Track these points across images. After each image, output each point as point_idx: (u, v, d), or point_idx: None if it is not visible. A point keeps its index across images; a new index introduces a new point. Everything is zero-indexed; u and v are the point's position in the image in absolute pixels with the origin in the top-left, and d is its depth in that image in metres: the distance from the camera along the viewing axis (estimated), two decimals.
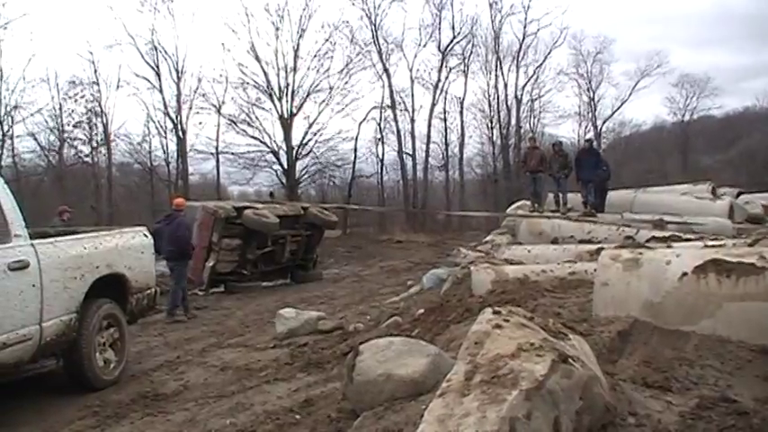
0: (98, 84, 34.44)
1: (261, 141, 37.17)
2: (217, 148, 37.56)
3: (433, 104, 41.31)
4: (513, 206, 19.25)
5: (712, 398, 3.45)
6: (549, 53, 42.47)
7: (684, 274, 4.52)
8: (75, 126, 34.08)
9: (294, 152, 36.96)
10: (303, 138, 37.33)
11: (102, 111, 34.60)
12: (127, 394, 7.02)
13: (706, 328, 4.35)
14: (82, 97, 33.85)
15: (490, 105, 42.78)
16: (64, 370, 7.24)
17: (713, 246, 5.98)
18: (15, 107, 30.79)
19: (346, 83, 37.93)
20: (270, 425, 5.36)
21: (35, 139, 33.13)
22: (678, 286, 4.54)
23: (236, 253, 16.91)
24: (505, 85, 42.53)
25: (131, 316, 8.20)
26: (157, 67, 35.35)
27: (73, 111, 33.79)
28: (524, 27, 41.57)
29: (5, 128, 30.87)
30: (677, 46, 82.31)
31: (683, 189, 18.40)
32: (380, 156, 41.54)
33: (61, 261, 6.75)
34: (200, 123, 39.43)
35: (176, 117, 36.04)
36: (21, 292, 6.13)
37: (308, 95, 37.21)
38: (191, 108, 36.39)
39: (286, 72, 36.63)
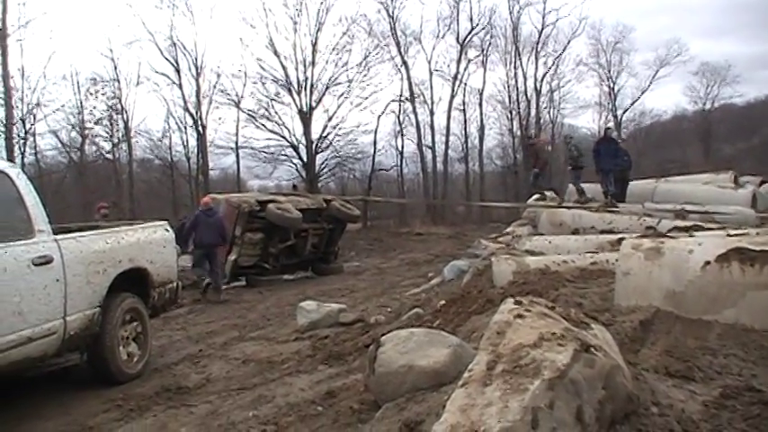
0: (118, 81, 34.75)
1: (280, 135, 37.28)
2: (236, 143, 37.78)
3: (453, 96, 41.35)
4: (534, 197, 19.18)
5: (736, 387, 3.43)
6: (568, 43, 42.46)
7: (707, 262, 4.50)
8: (96, 123, 34.30)
9: (314, 146, 36.99)
10: (322, 131, 37.41)
11: (122, 107, 34.87)
12: (150, 387, 7.05)
13: (729, 317, 4.33)
14: (102, 94, 34.09)
15: (510, 96, 42.78)
16: (87, 364, 7.29)
17: (736, 234, 5.92)
18: (37, 105, 30.98)
19: (365, 76, 37.95)
20: (292, 417, 5.37)
21: (57, 137, 33.41)
22: (701, 275, 4.52)
23: (258, 247, 16.90)
24: (525, 76, 42.51)
25: (154, 310, 8.23)
26: (177, 63, 35.55)
27: (94, 108, 34.03)
28: (543, 17, 41.58)
29: (27, 125, 31.05)
30: (692, 35, 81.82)
31: (705, 178, 18.27)
32: (400, 148, 41.62)
33: (84, 256, 6.79)
34: (220, 118, 39.87)
35: (196, 113, 36.23)
36: (45, 287, 6.18)
37: (326, 89, 37.26)
38: (210, 103, 36.59)
39: (305, 66, 36.70)
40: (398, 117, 40.60)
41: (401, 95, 40.14)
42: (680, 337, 4.30)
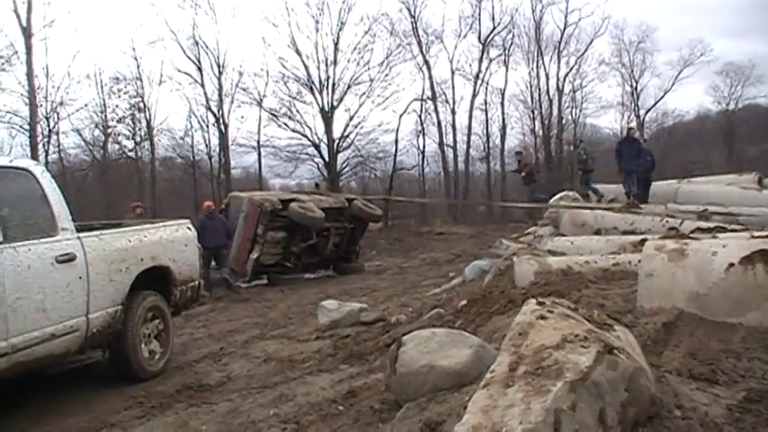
0: (141, 79, 34.82)
1: (302, 134, 37.26)
2: (258, 142, 37.78)
3: (474, 96, 41.17)
4: (556, 197, 19.11)
5: (761, 391, 3.41)
6: (590, 43, 42.14)
7: (731, 264, 4.46)
8: (118, 121, 34.45)
9: (335, 145, 36.98)
10: (344, 130, 37.37)
11: (145, 106, 34.96)
12: (171, 385, 7.09)
13: (753, 319, 4.30)
14: (125, 93, 34.21)
15: (532, 96, 42.55)
16: (110, 361, 7.35)
17: (760, 236, 5.87)
18: (61, 103, 31.20)
19: (386, 75, 37.84)
20: (313, 415, 5.38)
21: (80, 135, 33.58)
22: (725, 277, 4.48)
23: (280, 245, 16.89)
24: (547, 76, 42.25)
25: (175, 308, 8.28)
26: (199, 62, 35.57)
27: (117, 106, 34.19)
28: (566, 16, 41.28)
29: (51, 124, 31.28)
30: (715, 35, 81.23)
31: (729, 179, 18.14)
32: (421, 148, 41.56)
33: (107, 254, 6.84)
34: (242, 117, 39.68)
35: (218, 111, 36.28)
36: (68, 285, 6.23)
37: (348, 88, 37.20)
38: (232, 102, 36.59)
39: (326, 65, 36.66)
40: (420, 116, 40.52)
41: (423, 95, 40.11)
42: (703, 339, 4.27)
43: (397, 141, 39.31)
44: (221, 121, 36.28)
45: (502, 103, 42.29)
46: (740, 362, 3.86)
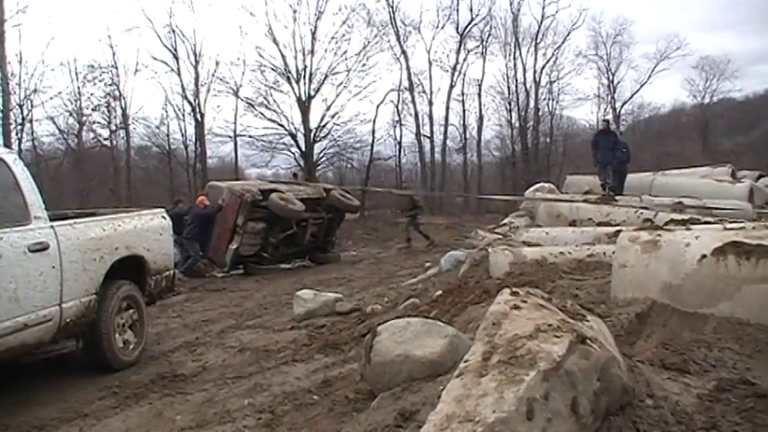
0: (116, 67, 34.53)
1: (279, 124, 37.20)
2: (235, 131, 37.71)
3: (451, 87, 41.39)
4: (532, 189, 19.19)
5: (731, 380, 3.43)
6: (567, 35, 42.41)
7: (704, 256, 4.49)
8: (93, 110, 34.14)
9: (312, 135, 36.93)
10: (321, 120, 37.36)
11: (120, 94, 34.68)
12: (146, 375, 7.06)
13: (725, 310, 4.33)
14: (100, 81, 33.91)
15: (509, 88, 42.73)
16: (83, 351, 7.29)
17: (732, 228, 5.92)
18: (34, 91, 30.85)
19: (364, 65, 37.89)
20: (288, 405, 5.39)
21: (54, 123, 33.21)
22: (697, 268, 4.51)
23: (259, 236, 16.84)
24: (524, 68, 42.48)
25: (150, 297, 8.24)
26: (175, 50, 35.39)
27: (92, 94, 33.85)
28: (543, 8, 41.57)
29: (25, 112, 30.95)
30: (691, 29, 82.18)
31: (703, 172, 18.33)
32: (398, 138, 41.64)
33: (81, 243, 6.78)
34: (218, 106, 39.70)
35: (194, 100, 36.12)
36: (41, 274, 6.17)
37: (325, 78, 37.17)
38: (208, 91, 36.46)
39: (303, 55, 36.60)
40: (397, 107, 40.68)
41: (400, 85, 40.19)
42: (676, 329, 4.31)
43: (373, 132, 39.47)
44: (197, 110, 36.16)
45: (479, 95, 42.62)
46: (711, 352, 3.89)
